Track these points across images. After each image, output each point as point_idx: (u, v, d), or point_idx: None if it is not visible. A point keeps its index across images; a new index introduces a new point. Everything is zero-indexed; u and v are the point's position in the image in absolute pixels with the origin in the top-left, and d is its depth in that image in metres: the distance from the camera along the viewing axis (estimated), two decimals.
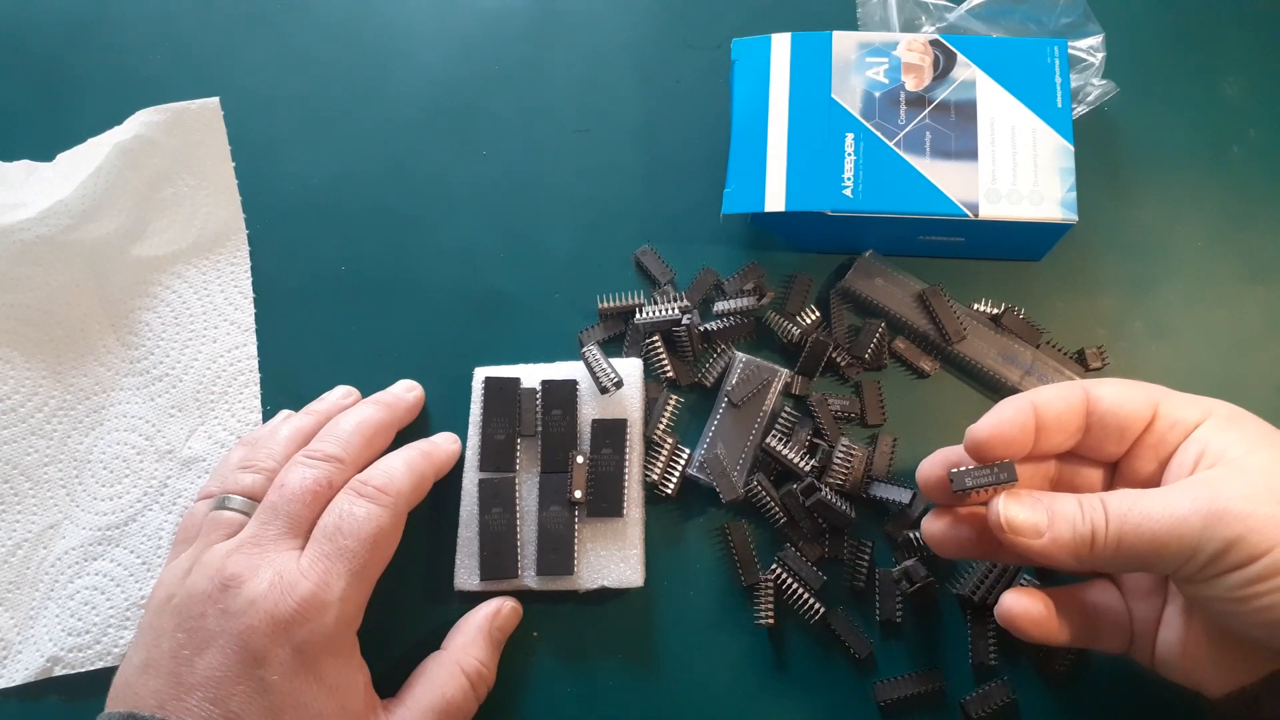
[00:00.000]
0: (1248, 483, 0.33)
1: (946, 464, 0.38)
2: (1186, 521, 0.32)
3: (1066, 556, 0.34)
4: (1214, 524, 0.32)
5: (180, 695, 0.36)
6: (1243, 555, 0.31)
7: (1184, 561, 0.32)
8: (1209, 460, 0.35)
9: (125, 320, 0.51)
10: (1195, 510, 0.32)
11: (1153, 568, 0.34)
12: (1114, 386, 0.38)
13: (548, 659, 0.45)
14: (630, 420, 0.46)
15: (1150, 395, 0.37)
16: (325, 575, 0.38)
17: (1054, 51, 0.48)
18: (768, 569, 0.45)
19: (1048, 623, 0.38)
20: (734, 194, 0.47)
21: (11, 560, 0.47)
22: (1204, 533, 0.32)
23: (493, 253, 0.52)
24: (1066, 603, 0.39)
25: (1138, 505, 0.33)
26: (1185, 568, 0.33)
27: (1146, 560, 0.33)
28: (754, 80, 0.48)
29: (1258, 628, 0.33)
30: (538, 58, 0.56)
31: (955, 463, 0.38)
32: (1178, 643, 0.37)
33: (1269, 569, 0.31)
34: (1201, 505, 0.32)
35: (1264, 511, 0.31)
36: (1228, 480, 0.33)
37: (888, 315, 0.48)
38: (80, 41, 0.57)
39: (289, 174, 0.54)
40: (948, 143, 0.46)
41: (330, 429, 0.44)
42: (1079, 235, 0.49)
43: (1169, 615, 0.38)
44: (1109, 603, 0.39)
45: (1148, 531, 0.33)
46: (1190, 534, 0.32)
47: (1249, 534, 0.31)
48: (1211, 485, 0.33)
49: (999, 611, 0.38)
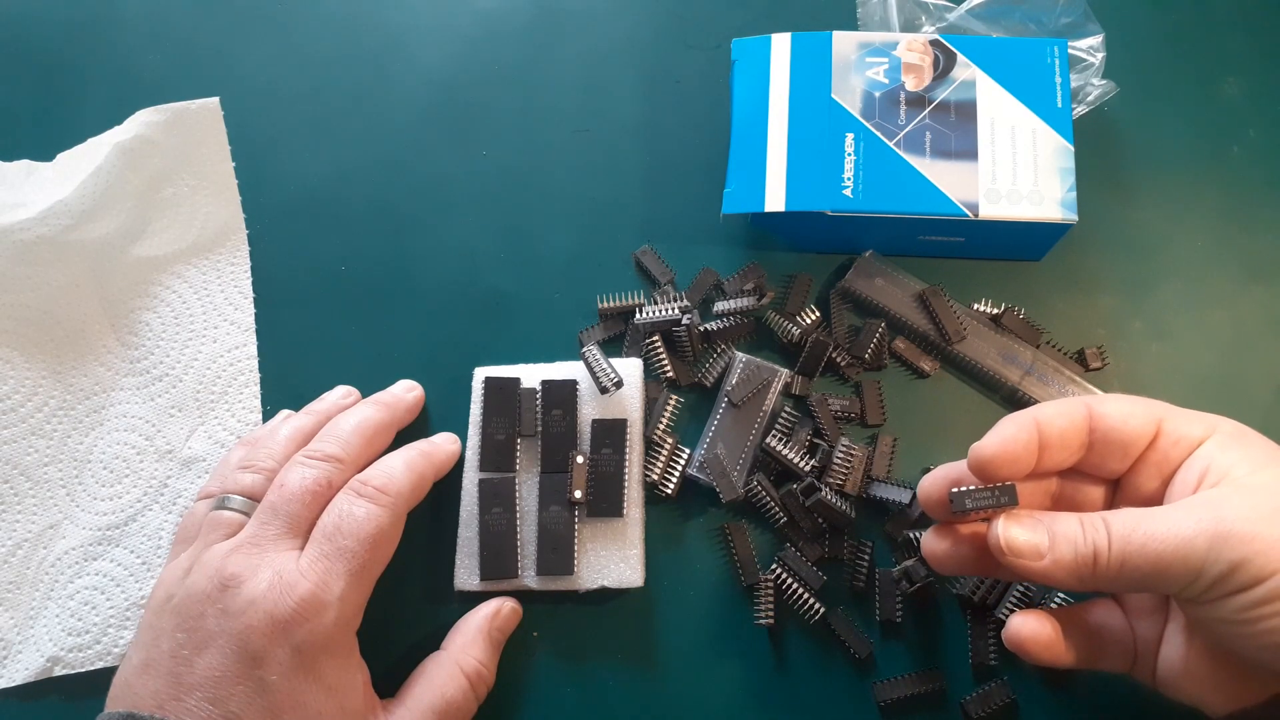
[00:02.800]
0: (1252, 503, 0.32)
1: (948, 482, 0.37)
2: (1191, 543, 0.31)
3: (1068, 577, 0.34)
4: (1219, 546, 0.31)
5: (179, 695, 0.36)
6: (1248, 578, 0.31)
7: (1188, 583, 0.32)
8: (1212, 478, 0.34)
9: (125, 320, 0.51)
10: (1200, 531, 0.31)
11: (1156, 589, 0.33)
12: (1118, 403, 0.37)
13: (548, 659, 0.45)
14: (630, 420, 0.46)
15: (1154, 411, 0.36)
16: (324, 575, 0.38)
17: (1054, 51, 0.48)
18: (768, 569, 0.45)
19: (1055, 645, 0.37)
20: (734, 194, 0.47)
21: (11, 560, 0.47)
22: (1209, 554, 0.31)
23: (493, 253, 0.52)
24: (1071, 622, 0.38)
25: (1141, 526, 0.32)
26: (1189, 589, 0.32)
27: (1150, 582, 0.33)
28: (754, 80, 0.48)
29: (1261, 650, 0.32)
30: (538, 57, 0.56)
31: (957, 480, 0.37)
32: (1179, 661, 0.36)
33: (1274, 592, 0.31)
34: (1206, 526, 0.31)
35: (1270, 533, 0.31)
36: (1232, 500, 0.32)
37: (888, 315, 0.48)
38: (80, 41, 0.57)
39: (289, 174, 0.54)
40: (948, 143, 0.46)
41: (330, 429, 0.44)
42: (1079, 235, 0.49)
43: (1170, 634, 0.37)
44: (1112, 622, 0.39)
45: (1152, 553, 0.32)
46: (1195, 556, 0.31)
47: (1255, 556, 0.31)
48: (1216, 506, 0.32)
49: (1007, 635, 0.37)
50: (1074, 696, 0.43)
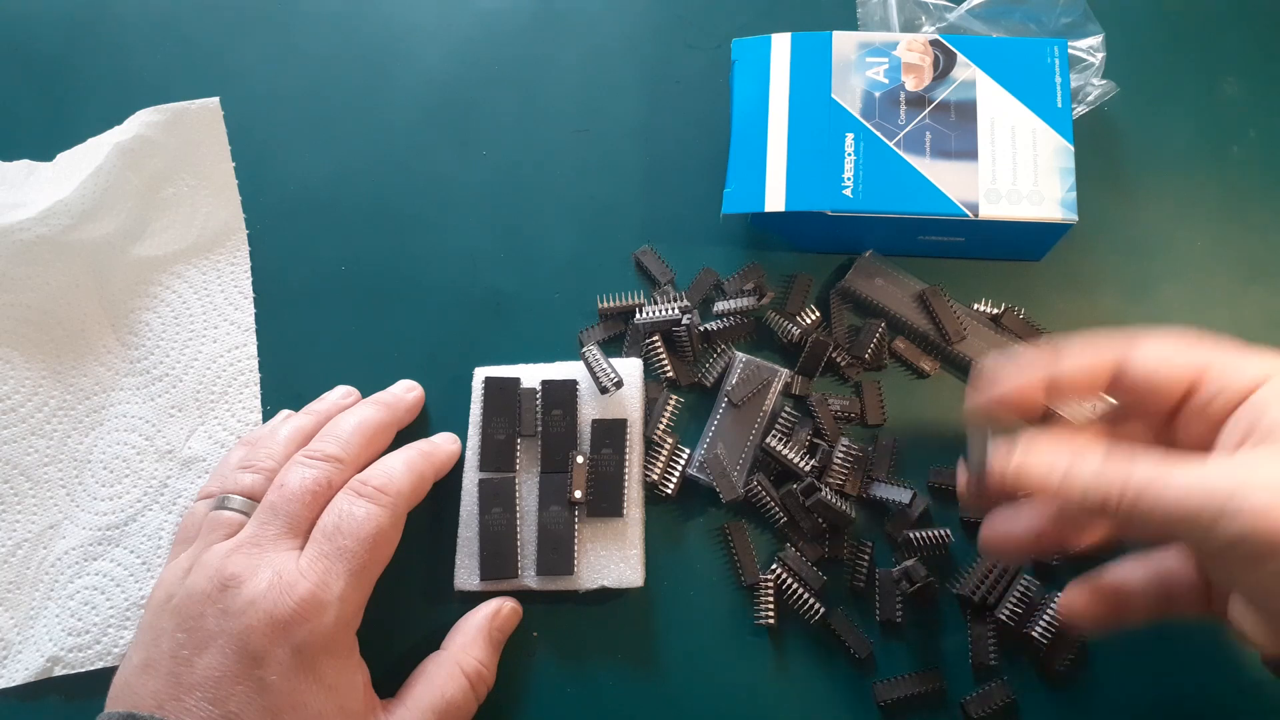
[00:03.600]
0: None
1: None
2: (1200, 510, 0.29)
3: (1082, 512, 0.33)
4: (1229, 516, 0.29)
5: (179, 695, 0.36)
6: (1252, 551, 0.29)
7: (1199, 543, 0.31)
8: (1258, 435, 0.31)
9: (125, 320, 0.51)
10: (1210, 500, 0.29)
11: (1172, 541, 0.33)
12: (1155, 347, 0.34)
13: (548, 659, 0.45)
14: (630, 420, 0.46)
15: (1196, 358, 0.34)
16: (324, 575, 0.38)
17: (1054, 51, 0.48)
18: (768, 569, 0.45)
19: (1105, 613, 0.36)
20: (734, 194, 0.47)
21: (11, 560, 0.47)
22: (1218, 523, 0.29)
23: (493, 253, 0.52)
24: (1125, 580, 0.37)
25: (1159, 479, 0.30)
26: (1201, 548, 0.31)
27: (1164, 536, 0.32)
28: (754, 80, 0.48)
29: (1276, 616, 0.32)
30: (538, 57, 0.56)
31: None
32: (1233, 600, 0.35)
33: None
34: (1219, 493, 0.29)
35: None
36: (1264, 466, 0.30)
37: (888, 315, 0.48)
38: (81, 41, 0.57)
39: (289, 174, 0.54)
40: (947, 143, 0.46)
41: (330, 429, 0.44)
42: (1079, 235, 0.49)
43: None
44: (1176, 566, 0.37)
45: (1161, 511, 0.30)
46: (1201, 522, 0.30)
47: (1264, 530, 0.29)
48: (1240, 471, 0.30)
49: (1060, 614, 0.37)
50: (1074, 696, 0.43)
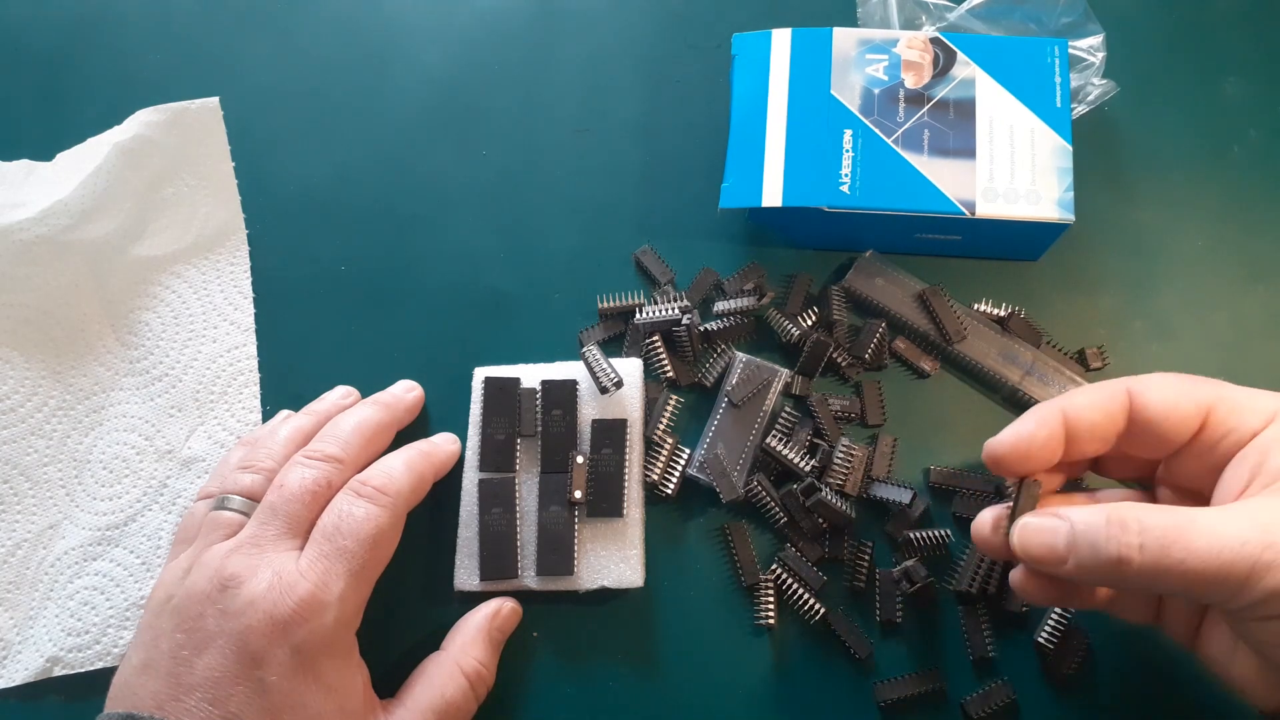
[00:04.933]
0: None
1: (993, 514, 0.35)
2: (1232, 566, 0.28)
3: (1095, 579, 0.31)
4: (1262, 570, 0.28)
5: (179, 696, 0.36)
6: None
7: (1225, 600, 0.29)
8: (1265, 477, 0.30)
9: (125, 320, 0.51)
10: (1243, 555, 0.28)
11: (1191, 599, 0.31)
12: (1162, 389, 0.33)
13: (548, 659, 0.45)
14: (630, 420, 0.46)
15: (1202, 398, 0.33)
16: (324, 575, 0.38)
17: (1054, 51, 0.47)
18: (768, 569, 0.45)
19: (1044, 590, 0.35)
20: (731, 188, 0.47)
21: (11, 560, 0.47)
22: (1249, 578, 0.28)
23: (493, 253, 0.52)
24: None
25: (1181, 537, 0.29)
26: (1227, 605, 0.30)
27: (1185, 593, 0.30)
28: (754, 75, 0.48)
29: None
30: (538, 57, 0.56)
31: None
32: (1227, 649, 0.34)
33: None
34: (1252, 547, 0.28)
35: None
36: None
37: (888, 315, 0.48)
38: (80, 41, 0.57)
39: (289, 174, 0.54)
40: (946, 141, 0.46)
41: (330, 429, 0.44)
42: (1079, 235, 0.49)
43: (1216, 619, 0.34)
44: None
45: (1191, 570, 0.28)
46: (1235, 578, 0.28)
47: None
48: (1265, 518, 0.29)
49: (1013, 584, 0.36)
50: (1074, 696, 0.43)
